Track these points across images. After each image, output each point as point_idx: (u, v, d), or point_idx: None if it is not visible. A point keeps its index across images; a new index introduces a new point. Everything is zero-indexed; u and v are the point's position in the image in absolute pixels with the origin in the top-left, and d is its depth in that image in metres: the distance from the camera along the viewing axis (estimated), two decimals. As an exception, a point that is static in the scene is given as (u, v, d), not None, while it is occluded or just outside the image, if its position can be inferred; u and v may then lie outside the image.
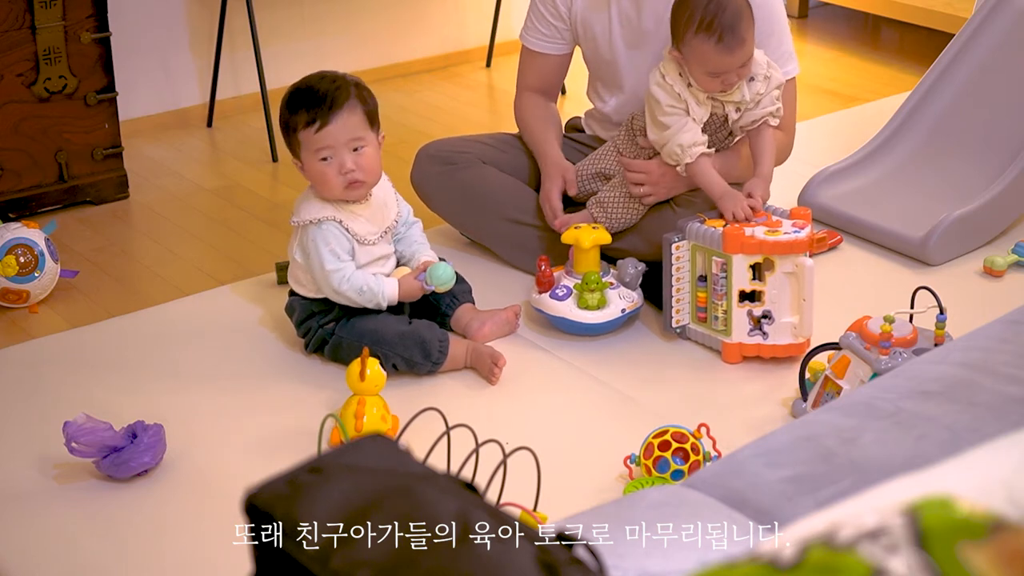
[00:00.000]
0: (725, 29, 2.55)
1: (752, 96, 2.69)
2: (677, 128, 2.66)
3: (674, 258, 2.63)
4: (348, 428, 2.29)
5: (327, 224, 2.54)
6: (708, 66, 2.59)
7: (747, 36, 2.59)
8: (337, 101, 2.52)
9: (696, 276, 2.64)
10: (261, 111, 3.81)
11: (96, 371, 2.63)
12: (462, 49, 4.57)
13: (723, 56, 2.57)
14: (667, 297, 2.66)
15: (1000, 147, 3.24)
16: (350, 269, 2.55)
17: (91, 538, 2.13)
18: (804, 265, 2.52)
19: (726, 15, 2.56)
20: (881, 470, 1.38)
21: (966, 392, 1.52)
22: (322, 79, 2.57)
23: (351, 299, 2.56)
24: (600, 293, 2.67)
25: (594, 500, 2.08)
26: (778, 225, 2.57)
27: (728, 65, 2.59)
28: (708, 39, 2.56)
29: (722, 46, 2.56)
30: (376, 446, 1.05)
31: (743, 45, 2.58)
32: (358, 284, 2.55)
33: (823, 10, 5.10)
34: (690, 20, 2.58)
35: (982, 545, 0.69)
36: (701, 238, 2.59)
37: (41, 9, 3.21)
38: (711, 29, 2.56)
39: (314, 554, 0.92)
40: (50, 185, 3.36)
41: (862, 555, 0.71)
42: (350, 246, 2.56)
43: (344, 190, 2.54)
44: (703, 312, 2.66)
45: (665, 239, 2.62)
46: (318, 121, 2.51)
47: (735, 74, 2.62)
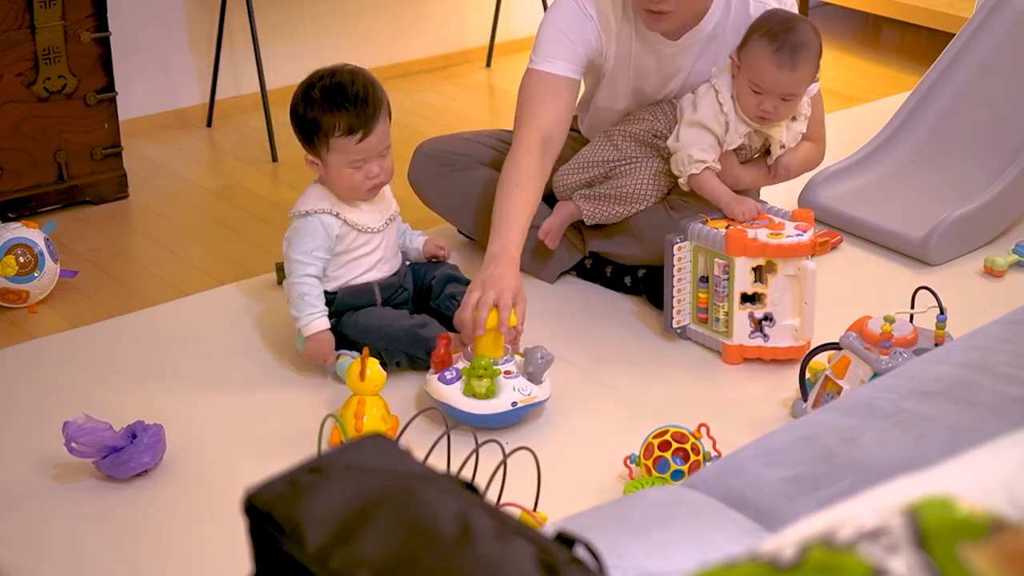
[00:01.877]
0: (785, 45, 2.60)
1: (794, 136, 2.76)
2: (696, 142, 2.67)
3: (676, 259, 2.63)
4: (348, 428, 2.29)
5: (316, 217, 2.53)
6: (756, 75, 2.61)
7: (801, 68, 2.62)
8: (377, 108, 2.48)
9: (698, 277, 2.64)
10: (261, 111, 3.81)
11: (96, 371, 2.63)
12: (462, 49, 4.57)
13: (772, 69, 2.60)
14: (668, 298, 2.67)
15: (1000, 147, 3.24)
16: (312, 270, 2.53)
17: (91, 538, 2.13)
18: (807, 268, 2.52)
19: (794, 36, 2.60)
20: (881, 470, 1.37)
21: (966, 392, 1.52)
22: (352, 79, 2.49)
23: (290, 295, 2.54)
24: (490, 380, 2.35)
25: (594, 500, 2.09)
26: (781, 227, 2.57)
27: (772, 82, 2.60)
28: (767, 46, 2.60)
29: (775, 58, 2.59)
30: (376, 446, 1.04)
31: (794, 70, 2.60)
32: (303, 290, 2.52)
33: (823, 10, 5.10)
34: (761, 26, 2.63)
35: (982, 545, 0.69)
36: (703, 239, 2.60)
37: (41, 9, 3.21)
38: (774, 38, 2.60)
39: (314, 554, 0.92)
40: (50, 185, 3.36)
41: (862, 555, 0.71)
42: (330, 243, 2.54)
43: (366, 192, 2.54)
44: (704, 313, 2.66)
45: (667, 239, 2.63)
46: (361, 131, 2.46)
47: (775, 102, 2.63)
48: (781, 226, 2.58)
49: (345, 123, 2.47)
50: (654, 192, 2.80)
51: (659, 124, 2.80)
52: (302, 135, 2.54)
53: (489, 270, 2.51)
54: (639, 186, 2.79)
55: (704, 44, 2.76)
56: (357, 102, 2.47)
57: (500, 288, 2.45)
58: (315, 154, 2.53)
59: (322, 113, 2.48)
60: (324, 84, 2.50)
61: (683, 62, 2.79)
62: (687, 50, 2.76)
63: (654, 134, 2.80)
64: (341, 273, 2.59)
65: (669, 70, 2.80)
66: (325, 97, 2.48)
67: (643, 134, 2.80)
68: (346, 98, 2.47)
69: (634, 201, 2.80)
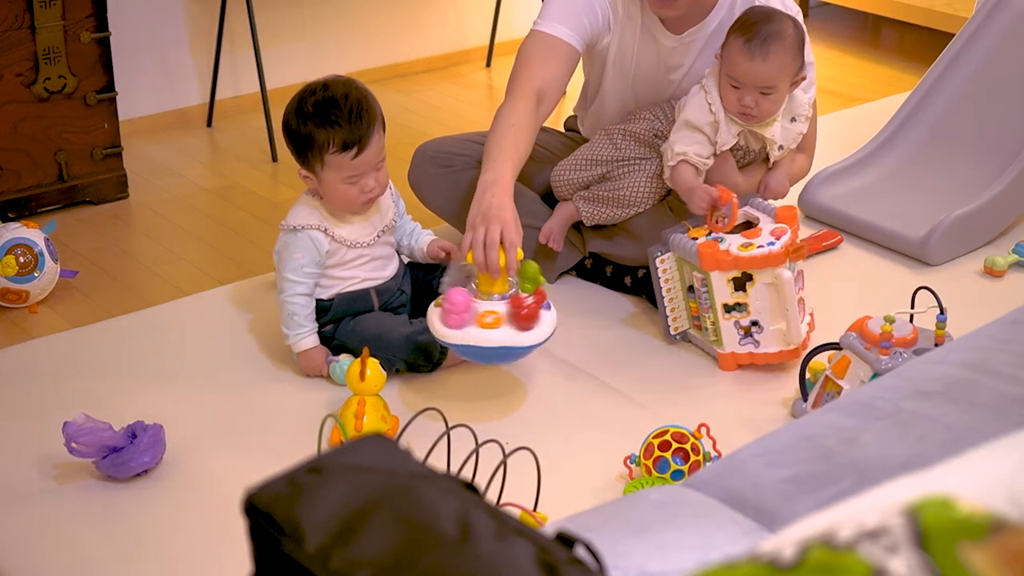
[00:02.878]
0: (757, 35, 2.58)
1: (794, 137, 2.73)
2: (683, 139, 2.67)
3: (660, 271, 2.62)
4: (348, 428, 2.29)
5: (305, 233, 2.52)
6: (730, 67, 2.60)
7: (773, 57, 2.58)
8: (372, 123, 2.45)
9: (686, 286, 2.63)
10: (261, 111, 3.81)
11: (96, 371, 2.63)
12: (462, 49, 4.57)
13: (743, 60, 2.58)
14: (661, 308, 2.66)
15: (1000, 147, 3.24)
16: (302, 288, 2.53)
17: (91, 538, 2.13)
18: (782, 277, 2.49)
19: (767, 27, 2.59)
20: (881, 470, 1.37)
21: (966, 392, 1.52)
22: (346, 93, 2.45)
23: (280, 312, 2.55)
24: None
25: (594, 500, 2.09)
26: (755, 235, 2.54)
27: (745, 74, 2.58)
28: (739, 37, 2.59)
29: (746, 48, 2.57)
30: (376, 446, 1.05)
31: (766, 60, 2.57)
32: (293, 310, 2.53)
33: (823, 10, 5.10)
34: (738, 20, 2.63)
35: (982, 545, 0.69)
36: (681, 251, 2.58)
37: (41, 9, 3.20)
38: (745, 29, 2.59)
39: (314, 554, 0.92)
40: (50, 185, 3.36)
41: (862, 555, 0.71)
42: (320, 258, 2.53)
43: (361, 206, 2.53)
44: (698, 320, 2.65)
45: (650, 252, 2.62)
46: (356, 147, 2.44)
47: (754, 95, 2.60)
48: (756, 232, 2.55)
49: (340, 139, 2.44)
50: (651, 196, 2.80)
51: (660, 124, 2.80)
52: (295, 149, 2.51)
53: (487, 200, 2.46)
54: (636, 189, 2.79)
55: (705, 42, 2.76)
56: (351, 117, 2.44)
57: (501, 221, 2.41)
58: (309, 169, 2.50)
59: (316, 128, 2.44)
60: (317, 99, 2.45)
61: (685, 60, 2.78)
62: (689, 47, 2.76)
63: (655, 133, 2.80)
64: (335, 282, 2.58)
65: (670, 65, 2.80)
66: (318, 112, 2.45)
67: (644, 133, 2.80)
68: (340, 113, 2.44)
69: (631, 204, 2.80)
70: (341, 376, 2.50)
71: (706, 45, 2.76)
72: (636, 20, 2.76)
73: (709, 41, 2.76)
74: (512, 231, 2.40)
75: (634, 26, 2.77)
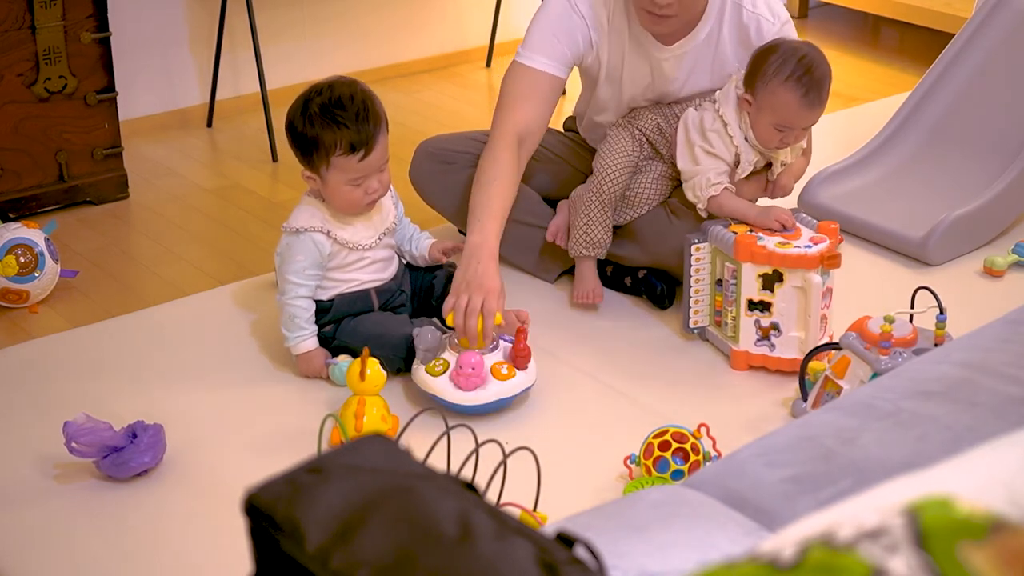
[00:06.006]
0: (813, 86, 2.60)
1: (796, 152, 2.77)
2: (708, 167, 2.68)
3: (693, 259, 2.63)
4: (348, 428, 2.29)
5: (308, 235, 2.52)
6: (783, 117, 2.61)
7: (825, 100, 2.64)
8: (378, 124, 2.45)
9: (715, 279, 2.64)
10: (261, 111, 3.81)
11: (96, 371, 2.63)
12: (462, 49, 4.57)
13: (802, 111, 2.60)
14: (685, 298, 2.67)
15: (1000, 147, 3.24)
16: (304, 291, 2.53)
17: (91, 538, 2.13)
18: (811, 281, 2.50)
19: (816, 73, 2.60)
20: (881, 470, 1.37)
21: (966, 392, 1.52)
22: (352, 95, 2.45)
23: (281, 313, 2.56)
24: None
25: (594, 500, 2.09)
26: (795, 237, 2.56)
27: (802, 121, 2.62)
28: (795, 90, 2.59)
29: (806, 101, 2.60)
30: (376, 446, 1.05)
31: (822, 104, 2.63)
32: (294, 312, 2.53)
33: (823, 10, 5.10)
34: (781, 68, 2.60)
35: (982, 545, 0.69)
36: (718, 241, 2.59)
37: (41, 9, 3.21)
38: (801, 82, 2.59)
39: (314, 554, 0.92)
40: (50, 185, 3.36)
41: (862, 555, 0.71)
42: (322, 260, 2.53)
43: (365, 207, 2.53)
44: (719, 316, 2.65)
45: (686, 239, 2.64)
46: (363, 150, 2.43)
47: (798, 134, 2.65)
48: (796, 235, 2.56)
49: (346, 141, 2.43)
50: (658, 195, 2.82)
51: (663, 121, 2.81)
52: (300, 151, 2.50)
53: (472, 268, 2.50)
54: (645, 189, 2.81)
55: (697, 53, 2.75)
56: (358, 119, 2.43)
57: (484, 290, 2.46)
58: (313, 170, 2.49)
59: (322, 130, 2.43)
60: (323, 100, 2.44)
61: (678, 72, 2.78)
62: (681, 59, 2.75)
63: (659, 130, 2.81)
64: (336, 284, 2.58)
65: (663, 77, 2.79)
66: (325, 114, 2.44)
67: (650, 130, 2.82)
68: (346, 115, 2.43)
69: (639, 204, 2.82)
70: (340, 378, 2.50)
71: (699, 56, 2.76)
72: (624, 33, 2.75)
73: (700, 52, 2.75)
74: (493, 300, 2.46)
75: (622, 39, 2.76)
